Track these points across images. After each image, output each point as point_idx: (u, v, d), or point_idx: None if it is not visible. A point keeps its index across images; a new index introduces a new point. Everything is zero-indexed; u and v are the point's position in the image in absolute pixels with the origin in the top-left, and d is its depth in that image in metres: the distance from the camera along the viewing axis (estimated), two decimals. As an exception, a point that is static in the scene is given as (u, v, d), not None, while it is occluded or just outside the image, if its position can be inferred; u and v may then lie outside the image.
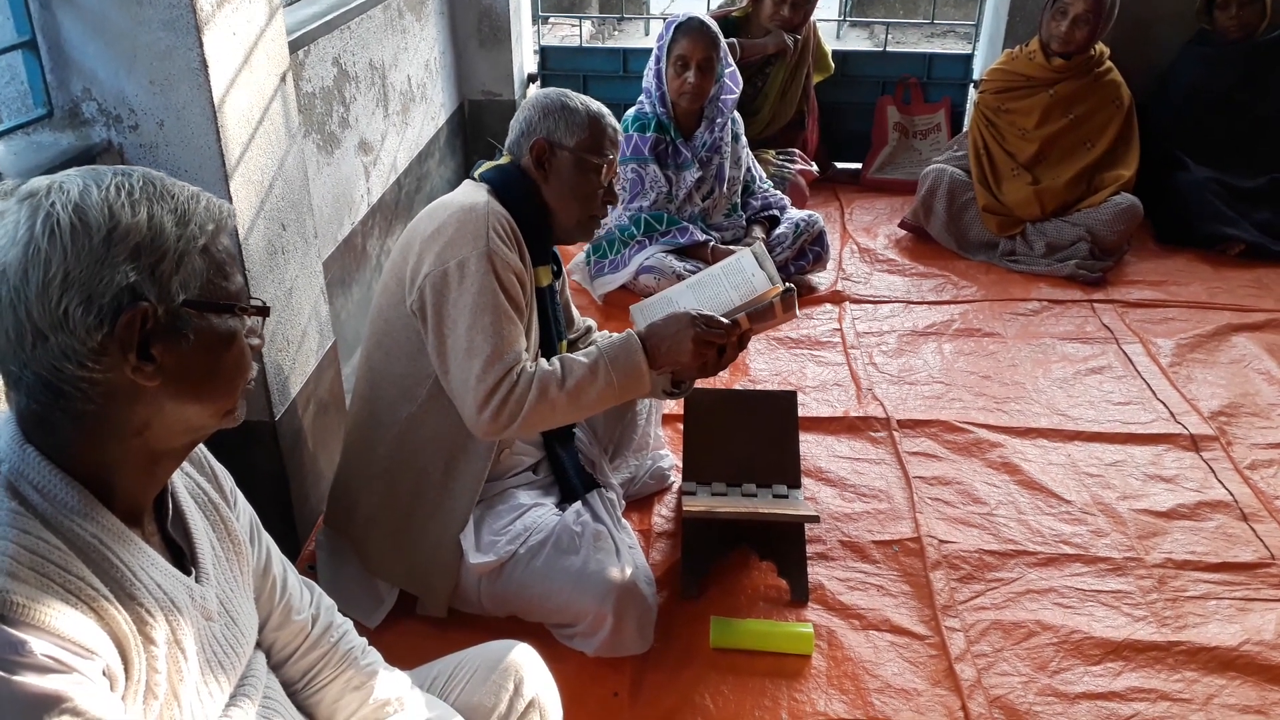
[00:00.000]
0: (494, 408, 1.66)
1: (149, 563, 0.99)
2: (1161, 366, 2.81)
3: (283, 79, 1.92)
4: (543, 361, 1.73)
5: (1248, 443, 2.47)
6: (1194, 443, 2.46)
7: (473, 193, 1.81)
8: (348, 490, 1.92)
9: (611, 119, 1.89)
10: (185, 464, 1.15)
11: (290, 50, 2.35)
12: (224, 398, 1.02)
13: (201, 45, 1.59)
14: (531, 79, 4.39)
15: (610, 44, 7.96)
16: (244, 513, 1.27)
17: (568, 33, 6.84)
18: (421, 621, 1.88)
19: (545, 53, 4.43)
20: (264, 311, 1.04)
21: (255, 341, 1.05)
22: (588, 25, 7.44)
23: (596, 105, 1.89)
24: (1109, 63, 3.58)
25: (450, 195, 1.84)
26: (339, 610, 1.33)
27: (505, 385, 1.66)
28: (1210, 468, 2.37)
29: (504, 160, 1.89)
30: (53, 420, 0.92)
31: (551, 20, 6.87)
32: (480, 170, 1.89)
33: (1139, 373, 2.79)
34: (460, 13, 4.00)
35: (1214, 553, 2.09)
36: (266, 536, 1.32)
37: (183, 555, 1.07)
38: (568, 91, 1.89)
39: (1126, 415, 2.59)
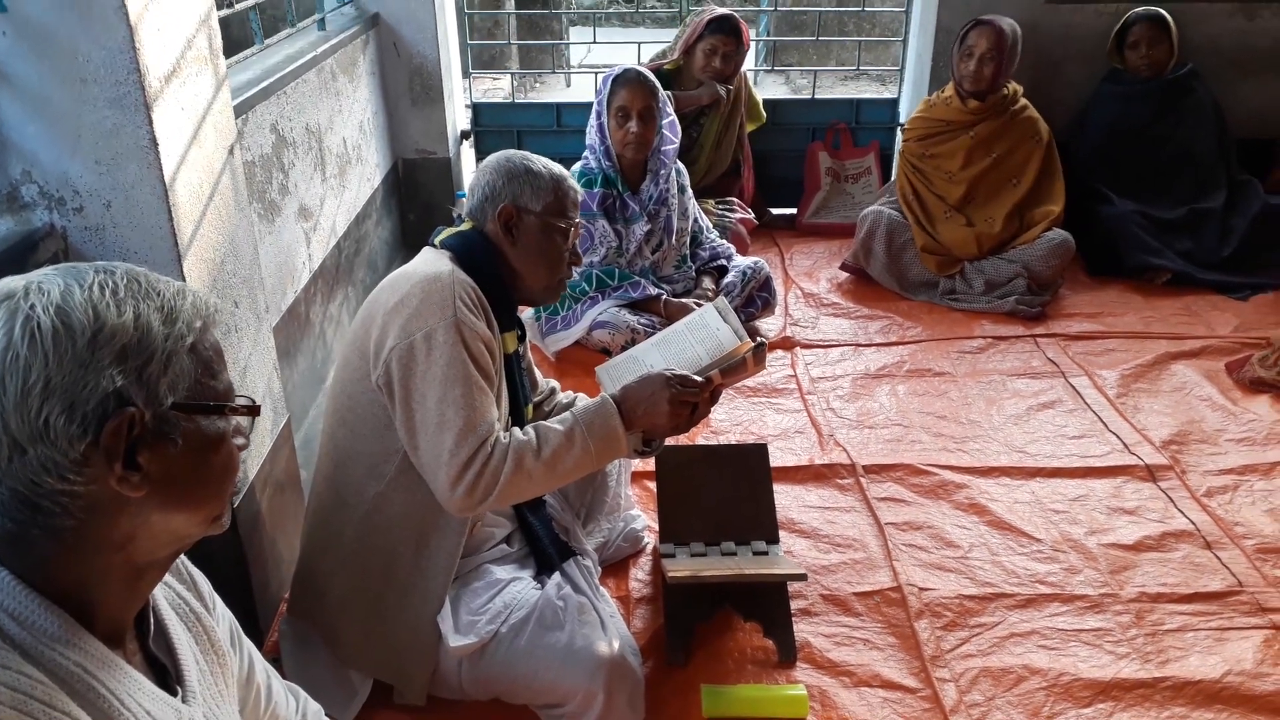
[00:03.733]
0: (469, 482, 1.60)
1: (135, 688, 0.91)
2: (1109, 398, 2.87)
3: (230, 151, 1.86)
4: (516, 431, 1.68)
5: (1201, 470, 2.53)
6: (1150, 473, 2.51)
7: (435, 261, 1.76)
8: (314, 575, 1.83)
9: (572, 180, 1.87)
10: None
11: (230, 119, 2.29)
12: (213, 503, 0.96)
13: (151, 122, 1.52)
14: (465, 135, 4.36)
15: (533, 97, 8.01)
16: (224, 618, 1.20)
17: (489, 86, 6.84)
18: (399, 712, 1.79)
19: (477, 109, 4.41)
20: (254, 411, 0.98)
21: (241, 441, 0.99)
22: (511, 79, 7.47)
23: (558, 168, 1.86)
24: (1024, 100, 3.70)
25: (411, 265, 1.79)
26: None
27: (479, 459, 1.60)
28: (1169, 497, 2.42)
29: (465, 226, 1.85)
30: (29, 538, 0.85)
31: (473, 75, 6.87)
32: (441, 237, 1.84)
33: (1088, 405, 2.84)
34: (391, 72, 3.96)
35: (1185, 583, 2.12)
36: (248, 642, 1.24)
37: (166, 673, 1.00)
38: (529, 154, 1.87)
39: (1082, 449, 2.63)
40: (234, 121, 1.89)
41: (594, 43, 4.65)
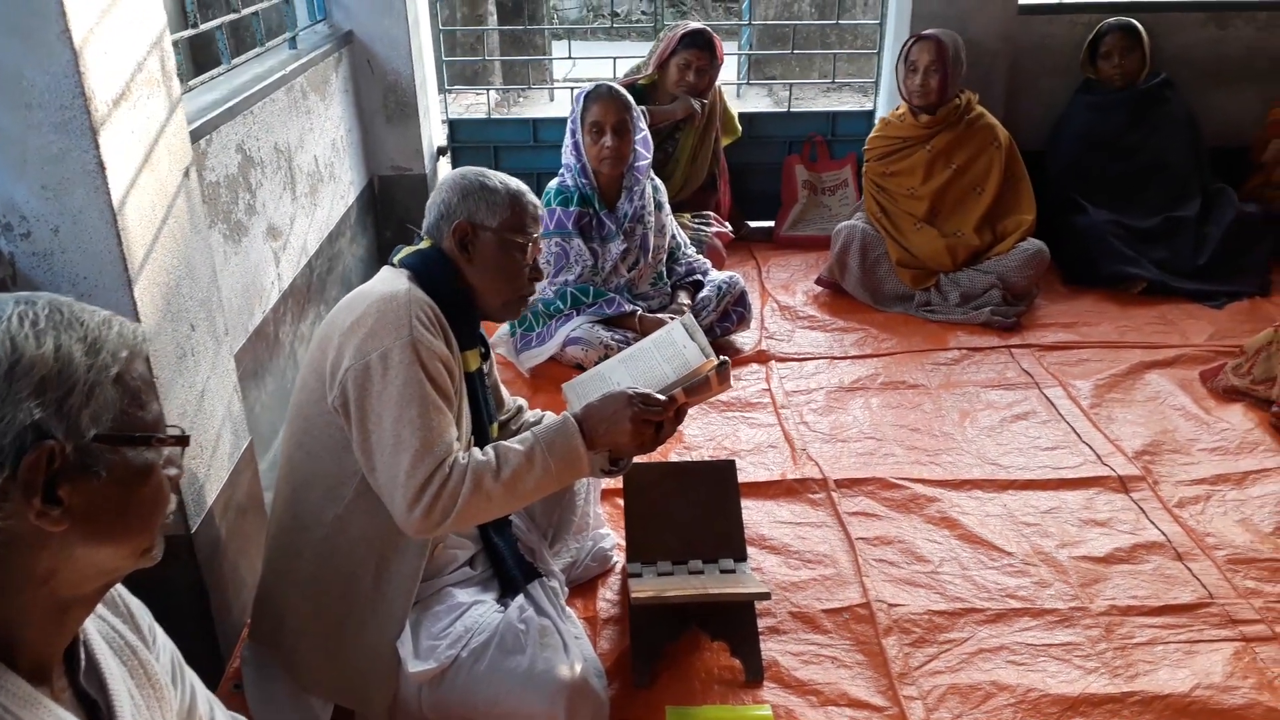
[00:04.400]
0: (426, 504, 1.58)
1: (62, 727, 0.89)
2: (1083, 409, 2.87)
3: (186, 174, 1.84)
4: (475, 452, 1.66)
5: (1173, 480, 2.52)
6: (1123, 484, 2.50)
7: (392, 280, 1.74)
8: (273, 600, 1.80)
9: (531, 195, 1.86)
10: (98, 605, 1.06)
11: (191, 140, 2.27)
12: (140, 536, 0.94)
13: (98, 146, 1.51)
14: (441, 152, 4.35)
15: (517, 112, 8.01)
16: (164, 650, 1.18)
17: (472, 101, 6.84)
18: (361, 737, 1.76)
19: (454, 125, 4.41)
20: (183, 441, 0.96)
21: (173, 472, 0.98)
22: (493, 95, 7.47)
23: (516, 183, 1.85)
24: (979, 108, 3.69)
25: (368, 284, 1.77)
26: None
27: (437, 480, 1.59)
28: (1141, 508, 2.41)
29: (423, 244, 1.84)
30: None
31: (455, 90, 6.88)
32: (399, 256, 1.83)
33: (1062, 416, 2.84)
34: (365, 89, 3.95)
35: (1155, 595, 2.11)
36: (190, 673, 1.22)
37: (97, 709, 0.98)
38: (485, 170, 1.85)
39: (1055, 460, 2.62)
40: (189, 143, 1.87)
41: (569, 57, 4.65)
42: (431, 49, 4.26)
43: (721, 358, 1.86)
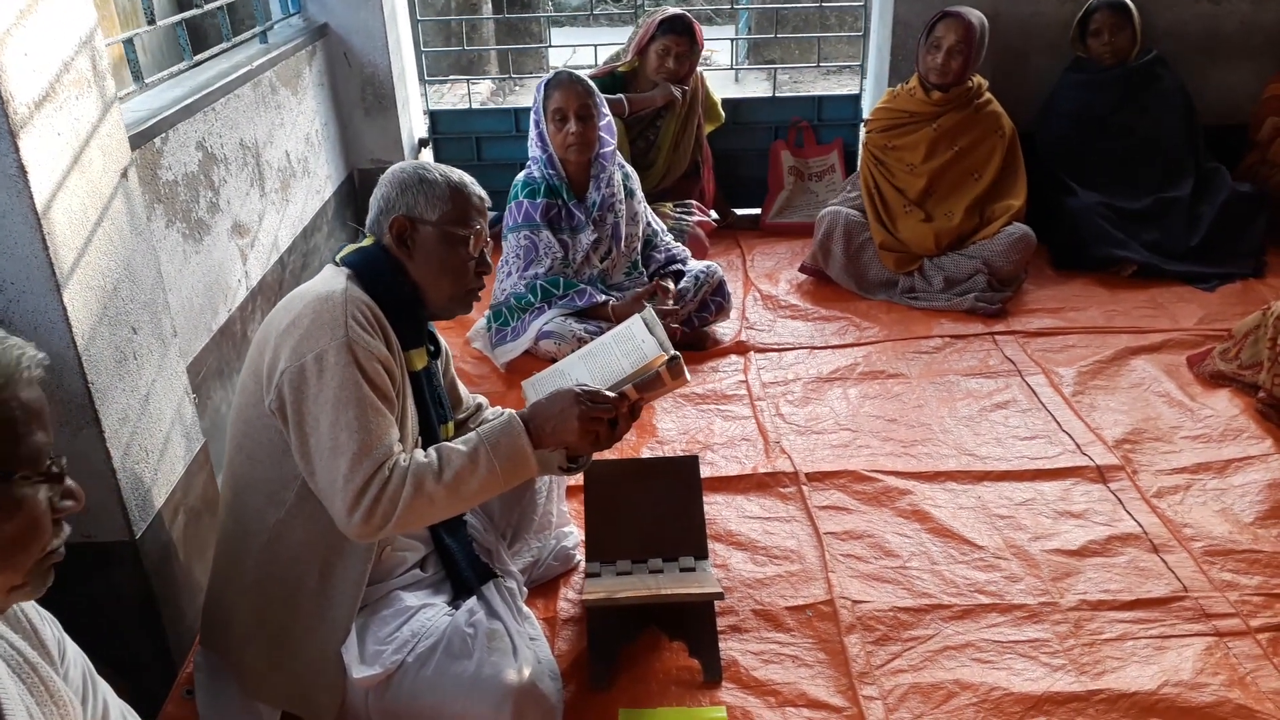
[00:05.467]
0: (365, 508, 1.55)
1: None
2: (1065, 396, 2.81)
3: (124, 175, 1.81)
4: (418, 453, 1.63)
5: (1153, 470, 2.47)
6: (1101, 474, 2.45)
7: (331, 279, 1.70)
8: (220, 606, 1.78)
9: (475, 187, 1.81)
10: None
11: (144, 139, 2.25)
12: (7, 573, 0.91)
13: (17, 150, 1.48)
14: (423, 143, 4.31)
15: (511, 102, 7.96)
16: (75, 665, 1.15)
17: (466, 91, 6.77)
18: (309, 744, 1.74)
19: (435, 117, 4.36)
20: (53, 478, 0.92)
21: (69, 504, 0.94)
22: (487, 84, 7.42)
23: (458, 174, 1.81)
24: (988, 94, 3.64)
25: (308, 284, 1.74)
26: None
27: (376, 483, 1.55)
28: (1118, 499, 2.36)
29: (366, 242, 1.80)
30: None
31: (448, 80, 6.82)
32: (341, 254, 1.79)
33: (1043, 404, 2.78)
34: (342, 83, 3.91)
35: (1127, 589, 2.06)
36: (102, 686, 1.19)
37: (-8, 732, 0.95)
38: (425, 163, 1.81)
39: (1033, 450, 2.57)
40: (127, 143, 1.84)
41: (549, 45, 4.61)
42: (410, 40, 4.22)
43: (673, 353, 1.81)
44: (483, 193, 1.83)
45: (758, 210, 4.30)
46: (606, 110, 3.12)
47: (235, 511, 1.74)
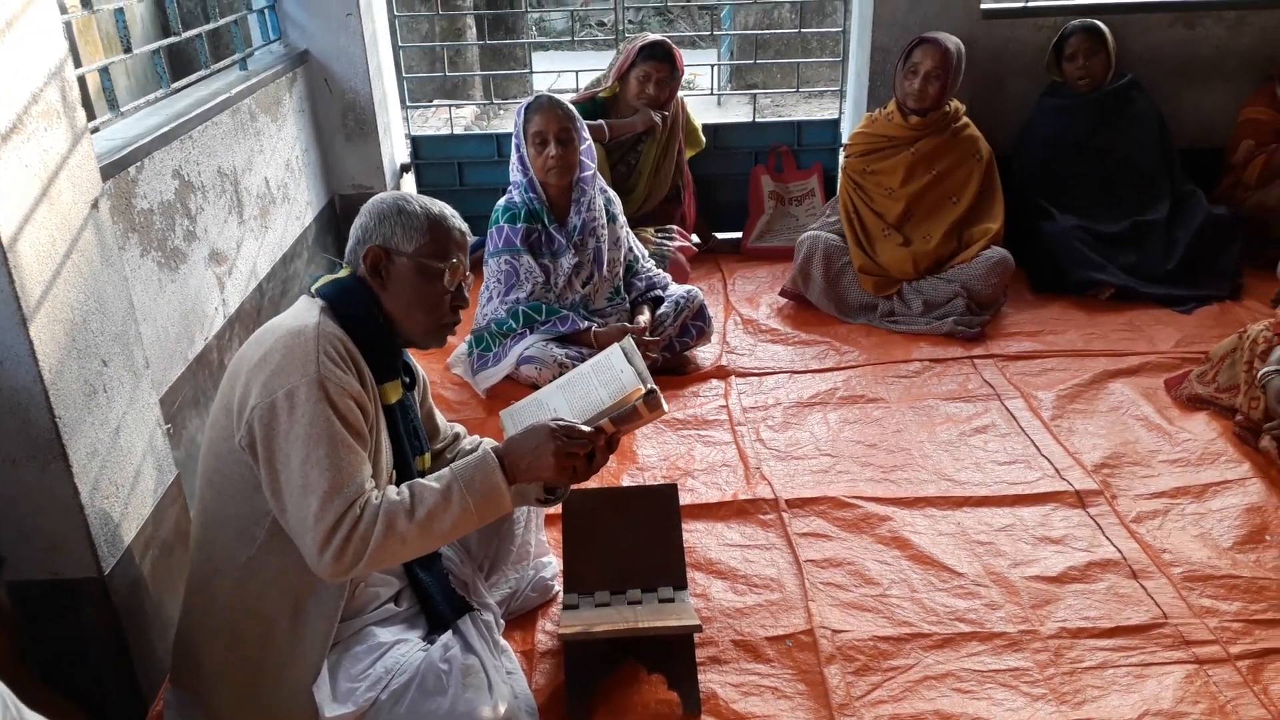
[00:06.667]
0: (336, 547, 1.53)
1: None
2: (1044, 421, 2.81)
3: (94, 206, 1.79)
4: (390, 491, 1.61)
5: (1131, 494, 2.47)
6: (1080, 499, 2.45)
7: (304, 313, 1.69)
8: (190, 643, 1.75)
9: (456, 220, 1.80)
10: None
11: (119, 168, 2.24)
12: None
13: (-18, 183, 1.46)
14: (404, 169, 4.31)
15: (495, 126, 7.97)
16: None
17: (449, 115, 6.78)
18: (280, 783, 1.71)
19: (416, 142, 4.36)
20: None
21: None
22: (471, 109, 7.43)
23: (438, 207, 1.79)
24: (965, 119, 3.67)
25: (280, 317, 1.72)
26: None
27: (347, 521, 1.54)
28: (1097, 524, 2.35)
29: (342, 273, 1.79)
30: None
31: (433, 105, 6.83)
32: (317, 285, 1.78)
33: (1022, 429, 2.79)
34: (322, 109, 3.91)
35: (1107, 616, 2.06)
36: (29, 716, 1.16)
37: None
38: (406, 194, 1.80)
39: (1012, 475, 2.57)
40: (98, 174, 1.82)
41: (531, 71, 4.61)
42: (392, 65, 4.22)
43: (650, 385, 1.80)
44: (464, 226, 1.81)
45: (738, 234, 4.31)
46: (587, 134, 3.12)
47: (205, 547, 1.72)
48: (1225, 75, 4.13)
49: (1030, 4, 4.10)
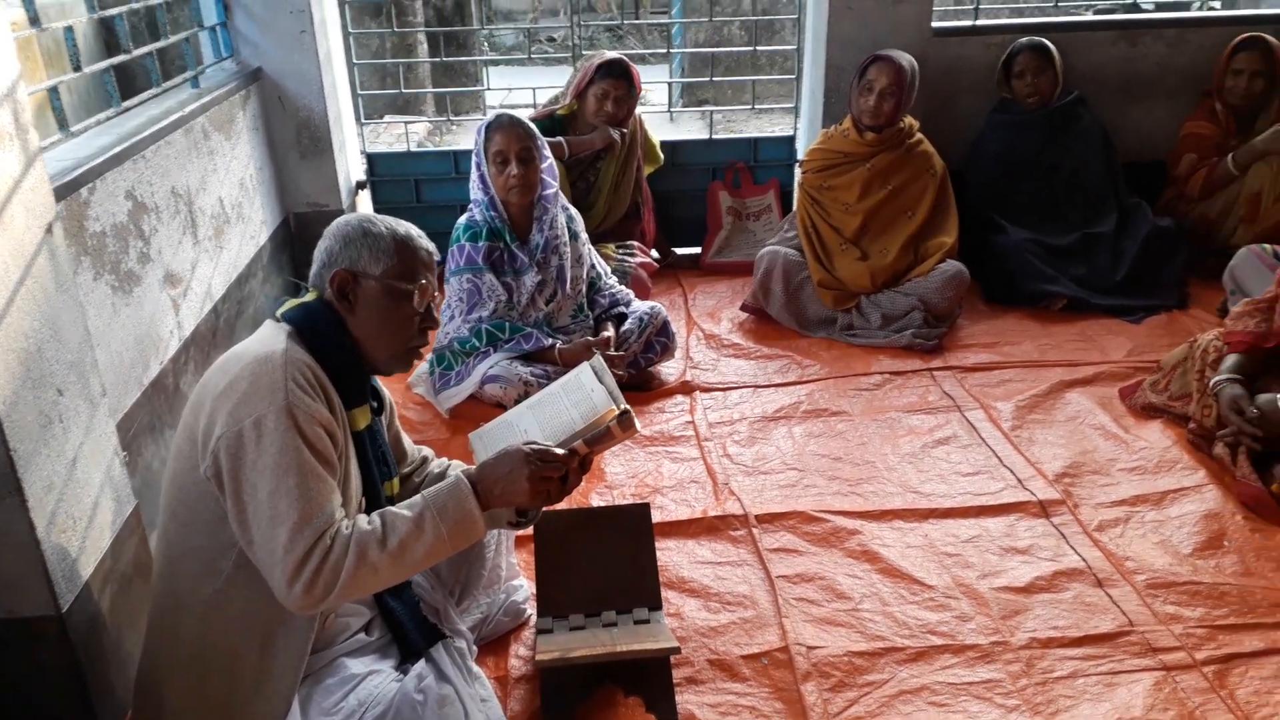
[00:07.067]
0: (306, 579, 1.49)
1: None
2: (1004, 431, 2.85)
3: (48, 230, 1.74)
4: (360, 520, 1.58)
5: (1093, 503, 2.51)
6: (1043, 509, 2.48)
7: (270, 338, 1.65)
8: (153, 681, 1.70)
9: (423, 240, 1.78)
10: None
11: (70, 190, 2.18)
12: None
13: (-68, 209, 1.41)
14: (360, 186, 4.26)
15: (449, 142, 7.92)
16: None
17: (402, 132, 6.72)
18: (250, 823, 1.66)
19: (372, 159, 4.32)
20: None
21: None
22: (424, 125, 7.37)
23: (405, 228, 1.77)
24: (919, 134, 3.72)
25: (245, 343, 1.68)
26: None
27: (317, 553, 1.50)
28: (1061, 534, 2.39)
29: (308, 296, 1.75)
30: None
31: (385, 121, 6.76)
32: (282, 309, 1.75)
33: (983, 440, 2.82)
34: (277, 126, 3.85)
35: (1075, 625, 2.09)
36: None
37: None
38: (371, 216, 1.77)
39: (976, 486, 2.60)
40: (52, 198, 1.77)
41: (487, 88, 4.58)
42: (347, 83, 4.17)
43: (623, 406, 1.80)
44: (431, 246, 1.79)
45: (697, 249, 4.32)
46: (548, 153, 3.11)
47: (169, 580, 1.67)
48: (1166, 91, 4.25)
49: (978, 23, 4.18)
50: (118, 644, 1.88)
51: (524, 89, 4.57)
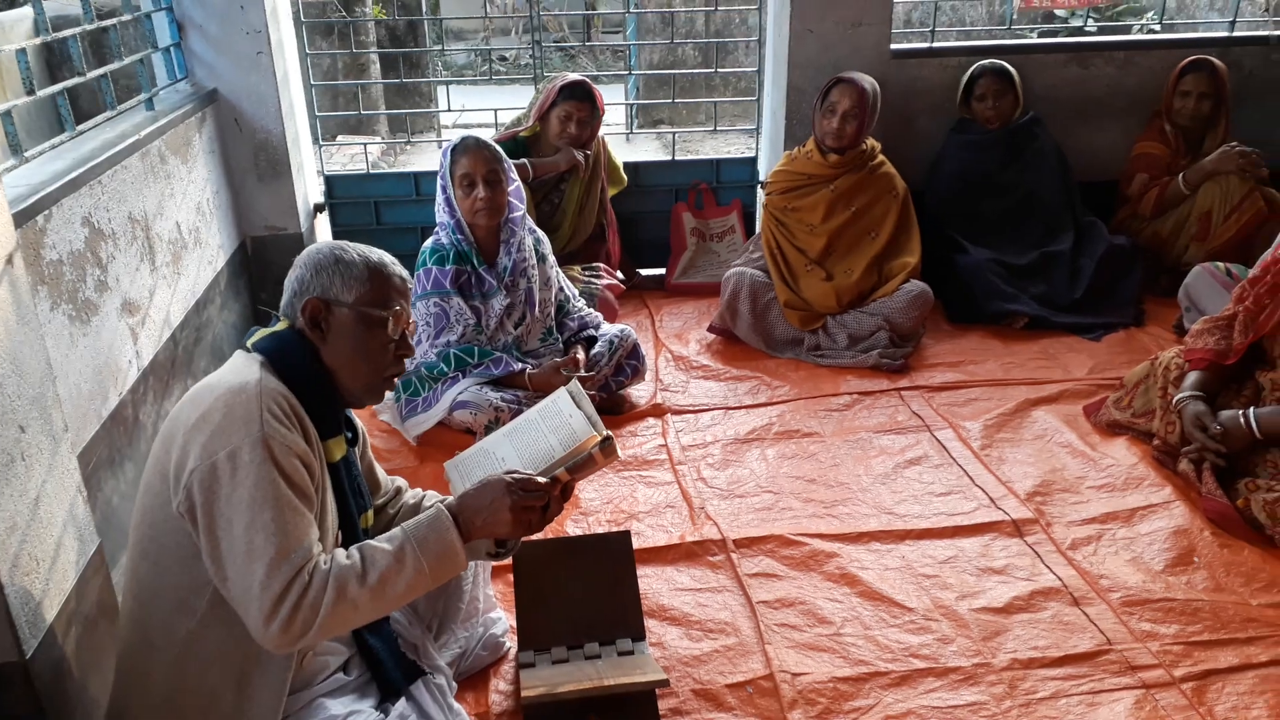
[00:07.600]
0: (284, 617, 1.44)
1: None
2: (974, 450, 2.88)
3: (9, 261, 1.68)
4: (339, 554, 1.53)
5: (1064, 521, 2.53)
6: (1017, 528, 2.50)
7: (243, 369, 1.60)
8: (124, 727, 1.63)
9: (396, 267, 1.74)
10: None
11: (26, 218, 2.11)
12: None
13: (-110, 241, 1.35)
14: (319, 209, 4.19)
15: (402, 163, 7.86)
16: None
17: (357, 151, 6.65)
18: None
19: (330, 181, 4.25)
20: None
21: None
22: (376, 147, 7.30)
23: (377, 254, 1.73)
24: (881, 156, 3.76)
25: (217, 374, 1.63)
26: None
27: (295, 589, 1.45)
28: (1036, 553, 2.41)
29: (280, 326, 1.71)
30: None
31: (338, 144, 6.69)
32: (252, 339, 1.70)
33: (954, 459, 2.84)
34: (234, 148, 3.78)
35: (1055, 645, 2.10)
36: None
37: None
38: (343, 244, 1.73)
39: (950, 506, 2.61)
40: (12, 227, 1.71)
41: (446, 110, 4.54)
42: (304, 104, 4.11)
43: (604, 432, 1.77)
44: (404, 273, 1.76)
45: (662, 270, 4.32)
46: (515, 175, 3.09)
47: (139, 622, 1.60)
48: (1116, 112, 4.35)
49: (935, 45, 4.25)
50: (83, 689, 1.81)
51: (481, 110, 4.55)
